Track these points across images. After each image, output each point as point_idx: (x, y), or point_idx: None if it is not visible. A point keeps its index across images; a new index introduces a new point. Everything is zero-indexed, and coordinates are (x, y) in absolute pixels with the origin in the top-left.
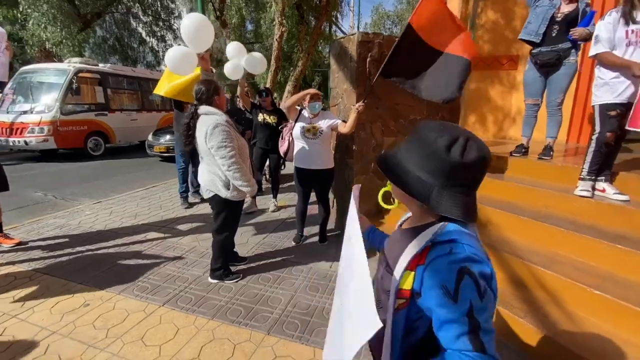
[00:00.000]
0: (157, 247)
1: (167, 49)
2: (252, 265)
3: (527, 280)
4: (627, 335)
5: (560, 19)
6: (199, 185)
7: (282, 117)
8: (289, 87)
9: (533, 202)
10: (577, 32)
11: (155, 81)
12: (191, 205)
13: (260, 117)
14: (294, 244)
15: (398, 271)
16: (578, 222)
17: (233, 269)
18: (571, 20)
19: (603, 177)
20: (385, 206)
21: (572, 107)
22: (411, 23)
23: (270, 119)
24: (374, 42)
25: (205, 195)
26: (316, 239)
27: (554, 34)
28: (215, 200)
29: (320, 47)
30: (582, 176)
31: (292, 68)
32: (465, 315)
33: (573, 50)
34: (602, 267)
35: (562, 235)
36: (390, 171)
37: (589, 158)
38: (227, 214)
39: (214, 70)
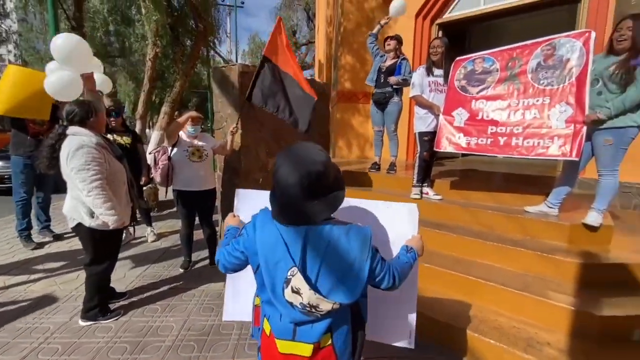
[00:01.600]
0: None
1: None
2: (133, 299)
3: None
4: (444, 290)
5: (384, 70)
6: (48, 220)
7: (136, 139)
8: (165, 108)
9: None
10: (392, 79)
11: None
12: (40, 245)
13: (110, 138)
14: (181, 271)
15: None
16: None
17: (112, 306)
18: (391, 71)
19: (426, 184)
20: None
21: (408, 134)
22: (266, 54)
23: (123, 140)
24: (253, 74)
25: (70, 225)
26: (206, 262)
27: (381, 81)
28: (82, 230)
29: (197, 69)
30: (413, 184)
31: (167, 89)
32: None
33: (395, 92)
34: (429, 247)
35: None
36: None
37: (415, 170)
38: (99, 245)
39: (102, 93)
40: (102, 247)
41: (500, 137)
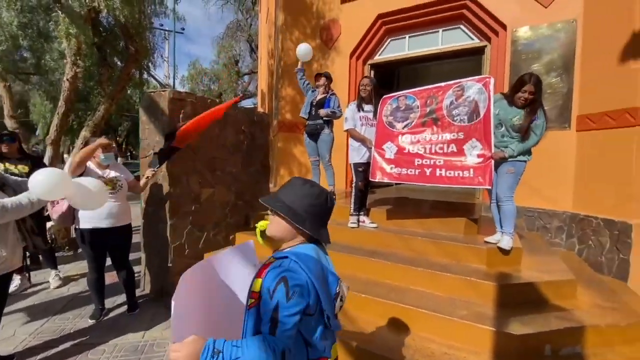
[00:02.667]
0: None
1: None
2: None
3: None
4: (380, 320)
5: (315, 103)
6: None
7: (36, 165)
8: (85, 132)
9: None
10: (321, 112)
11: None
12: None
13: (1, 167)
14: (91, 322)
15: (251, 279)
16: (351, 246)
17: None
18: (321, 104)
19: (363, 212)
20: (262, 242)
21: (345, 164)
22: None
23: (18, 169)
24: (186, 101)
25: None
26: (123, 309)
27: (313, 113)
28: None
29: (130, 91)
30: (350, 212)
31: (89, 112)
32: (272, 310)
33: (325, 125)
34: (366, 276)
35: (343, 258)
36: (279, 208)
37: (352, 200)
38: None
39: None
40: None
41: (426, 169)
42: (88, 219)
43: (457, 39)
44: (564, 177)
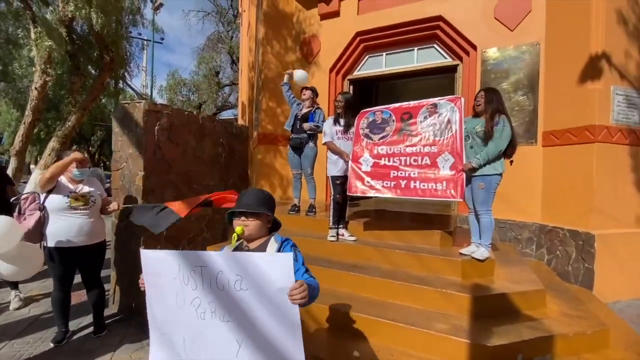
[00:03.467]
0: None
1: None
2: None
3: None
4: (360, 337)
5: (300, 117)
6: None
7: (4, 179)
8: (54, 143)
9: (305, 249)
10: (305, 126)
11: None
12: None
13: None
14: (53, 345)
15: (272, 251)
16: (331, 260)
17: None
18: (306, 118)
19: (341, 225)
20: (234, 245)
21: (326, 177)
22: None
23: None
24: (162, 112)
25: None
26: (89, 331)
27: (297, 127)
28: None
29: (104, 100)
30: (329, 226)
31: (59, 121)
32: (302, 264)
33: (309, 139)
34: (345, 290)
35: (322, 272)
36: (254, 214)
37: (330, 212)
38: None
39: None
40: None
41: (402, 181)
42: (58, 237)
43: (431, 57)
44: (533, 189)
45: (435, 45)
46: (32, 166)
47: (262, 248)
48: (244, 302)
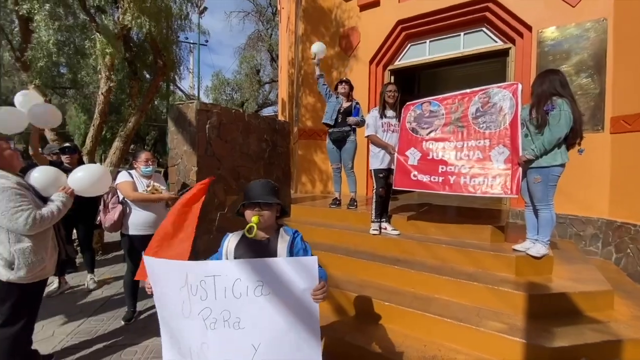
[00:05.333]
0: None
1: None
2: None
3: (344, 304)
4: (406, 330)
5: (342, 111)
6: None
7: None
8: (117, 143)
9: (346, 242)
10: (351, 120)
11: None
12: None
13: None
14: (124, 323)
15: (286, 242)
16: (373, 253)
17: None
18: (348, 112)
19: (384, 219)
20: (250, 236)
21: (366, 170)
22: None
23: None
24: (212, 111)
25: None
26: (154, 311)
27: (339, 120)
28: None
29: (157, 102)
30: (372, 219)
31: (121, 123)
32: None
33: (351, 131)
34: (389, 284)
35: (365, 265)
36: (268, 204)
37: (373, 206)
38: (16, 302)
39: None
40: (20, 305)
41: (450, 176)
42: (137, 227)
43: (479, 42)
44: (599, 181)
45: (484, 29)
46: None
47: (274, 238)
48: (262, 307)
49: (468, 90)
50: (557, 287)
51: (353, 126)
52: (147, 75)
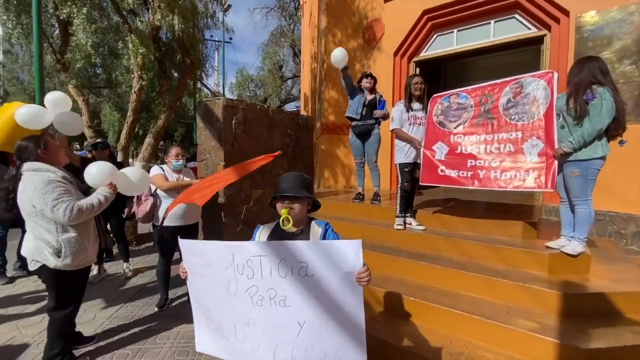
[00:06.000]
0: None
1: None
2: (101, 344)
3: (368, 298)
4: (432, 326)
5: (367, 104)
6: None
7: (119, 169)
8: (149, 139)
9: (369, 237)
10: (377, 113)
11: None
12: (11, 280)
13: None
14: (157, 310)
15: (317, 235)
16: (398, 249)
17: (77, 352)
18: (373, 105)
19: (409, 214)
20: (286, 228)
21: (390, 164)
22: None
23: None
24: (238, 107)
25: (31, 267)
26: (184, 299)
27: (364, 113)
28: (45, 272)
29: (184, 100)
30: (396, 214)
31: (152, 120)
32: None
33: (376, 125)
34: (414, 279)
35: (389, 260)
36: (298, 198)
37: (398, 201)
38: (63, 288)
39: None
40: (67, 290)
41: (480, 171)
42: (168, 219)
43: (511, 29)
44: None
45: (517, 15)
46: (130, 160)
47: (305, 230)
48: (308, 287)
49: (499, 81)
50: (595, 286)
51: (379, 119)
52: (176, 74)
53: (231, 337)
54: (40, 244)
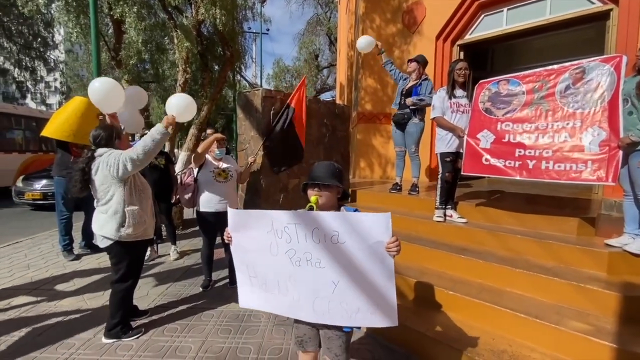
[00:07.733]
0: (28, 314)
1: (37, 80)
2: (154, 318)
3: (404, 290)
4: (472, 321)
5: (404, 92)
6: (89, 237)
7: (168, 159)
8: (193, 130)
9: (406, 228)
10: (408, 101)
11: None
12: (77, 257)
13: None
14: (201, 290)
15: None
16: (437, 241)
17: (133, 324)
18: (410, 93)
19: (450, 206)
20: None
21: (430, 155)
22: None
23: (158, 161)
24: (275, 98)
25: (101, 244)
26: (226, 281)
27: (402, 102)
28: (113, 249)
29: (224, 91)
30: (436, 206)
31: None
32: None
33: (413, 114)
34: (454, 273)
35: (427, 252)
36: (327, 186)
37: (438, 192)
38: (128, 261)
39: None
40: (129, 264)
41: (529, 161)
42: (206, 204)
43: (571, 4)
44: None
45: None
46: (175, 150)
47: (337, 210)
48: (339, 253)
49: (556, 66)
50: None
51: (412, 107)
52: (216, 67)
53: (274, 291)
54: (106, 218)
